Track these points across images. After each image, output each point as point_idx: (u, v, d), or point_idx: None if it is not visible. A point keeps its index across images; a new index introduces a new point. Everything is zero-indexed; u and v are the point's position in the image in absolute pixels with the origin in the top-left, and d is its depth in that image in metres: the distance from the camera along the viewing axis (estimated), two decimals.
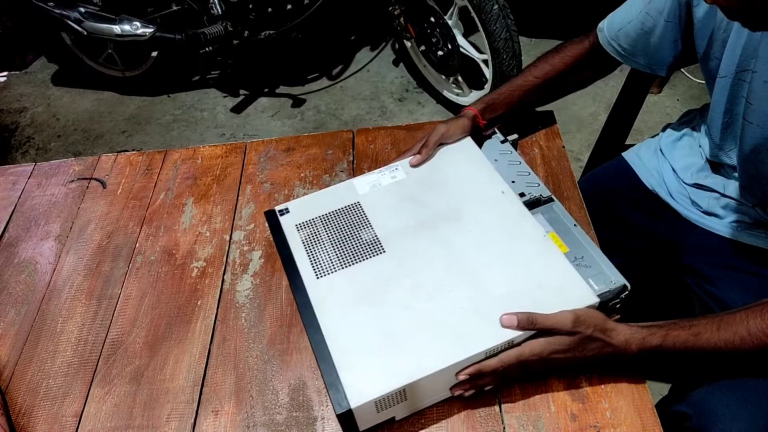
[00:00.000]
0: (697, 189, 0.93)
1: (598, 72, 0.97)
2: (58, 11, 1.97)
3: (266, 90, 2.33)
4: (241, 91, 2.34)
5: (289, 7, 2.03)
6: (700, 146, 0.94)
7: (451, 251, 0.75)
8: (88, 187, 1.05)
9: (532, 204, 0.80)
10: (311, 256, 0.77)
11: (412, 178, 0.85)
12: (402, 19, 2.03)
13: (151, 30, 1.99)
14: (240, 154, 1.06)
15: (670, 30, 0.85)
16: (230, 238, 0.93)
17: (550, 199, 0.81)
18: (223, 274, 0.89)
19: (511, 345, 0.67)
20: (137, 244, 0.94)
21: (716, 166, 0.90)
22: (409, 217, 0.80)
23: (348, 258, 0.76)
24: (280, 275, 0.87)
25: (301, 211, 0.83)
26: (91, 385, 0.79)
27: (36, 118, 2.39)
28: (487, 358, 0.66)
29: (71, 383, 0.79)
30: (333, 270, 0.75)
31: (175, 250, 0.93)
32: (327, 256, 0.77)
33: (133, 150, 2.09)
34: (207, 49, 2.02)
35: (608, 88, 2.12)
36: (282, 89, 2.33)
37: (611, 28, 0.91)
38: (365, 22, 2.48)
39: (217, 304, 0.85)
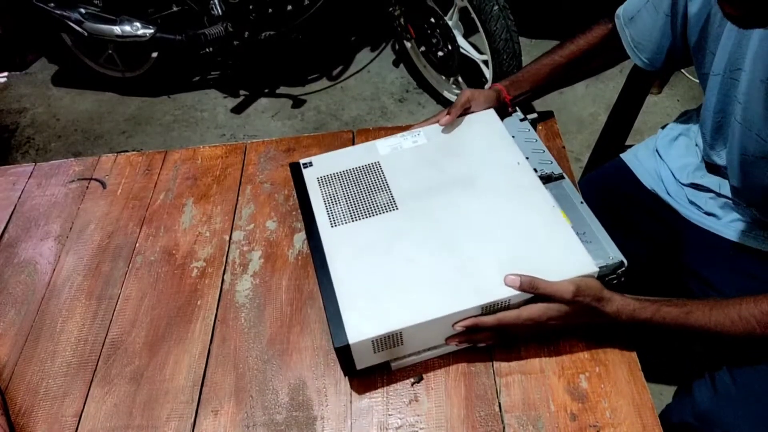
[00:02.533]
0: (694, 189, 0.93)
1: (621, 55, 0.95)
2: (58, 12, 1.98)
3: (266, 90, 2.33)
4: (242, 92, 2.34)
5: (289, 7, 2.03)
6: (696, 145, 0.93)
7: (461, 214, 0.78)
8: (88, 187, 1.05)
9: (544, 180, 0.82)
10: (328, 207, 0.82)
11: (432, 144, 0.88)
12: (402, 19, 2.04)
13: (152, 31, 1.99)
14: (240, 154, 1.06)
15: (669, 25, 0.85)
16: (230, 238, 0.93)
17: (561, 177, 0.83)
18: (223, 274, 0.89)
19: (507, 304, 0.70)
20: (137, 245, 0.95)
21: (712, 166, 0.90)
22: (425, 179, 0.83)
23: (362, 211, 0.80)
24: (280, 275, 0.87)
25: (323, 166, 0.87)
26: (90, 385, 0.79)
27: (36, 118, 2.39)
28: (483, 314, 0.70)
29: (71, 383, 0.79)
30: (347, 221, 0.79)
31: (175, 250, 0.93)
32: (343, 208, 0.81)
33: (133, 150, 2.08)
34: (207, 49, 2.02)
35: (608, 89, 2.12)
36: (282, 90, 2.33)
37: (626, 15, 0.90)
38: (365, 22, 2.48)
39: (217, 304, 0.85)
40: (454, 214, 0.78)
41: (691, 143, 0.95)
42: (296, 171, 0.88)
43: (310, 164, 0.88)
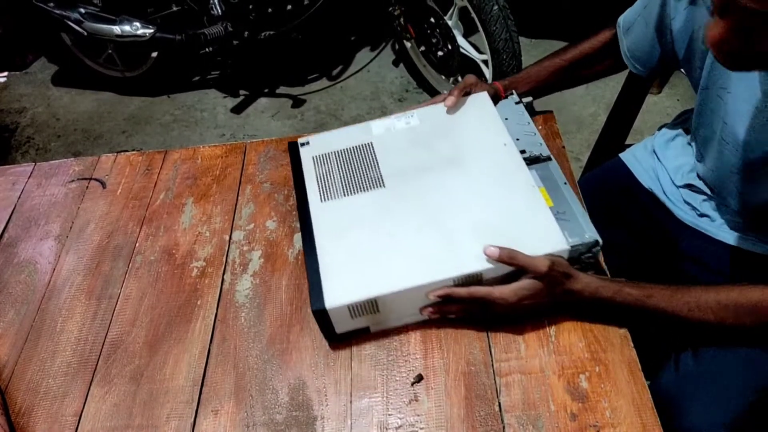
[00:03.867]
0: (689, 190, 0.93)
1: (621, 63, 0.97)
2: (58, 12, 1.98)
3: (266, 90, 2.33)
4: (241, 92, 2.34)
5: (289, 7, 2.03)
6: (690, 146, 0.94)
7: (443, 191, 0.81)
8: (87, 187, 1.05)
9: (531, 161, 0.84)
10: (320, 183, 0.85)
11: (424, 125, 0.91)
12: (402, 19, 2.04)
13: (151, 30, 1.99)
14: (240, 154, 1.06)
15: (657, 38, 0.86)
16: (230, 238, 0.93)
17: (548, 159, 0.85)
18: (223, 273, 0.89)
19: (480, 279, 0.73)
20: (137, 244, 0.94)
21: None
22: (413, 158, 0.86)
23: (352, 188, 0.84)
24: (280, 275, 0.87)
25: (319, 145, 0.91)
26: (90, 384, 0.79)
27: (36, 118, 2.39)
28: (456, 286, 0.72)
29: (71, 383, 0.79)
30: (337, 196, 0.83)
31: (174, 250, 0.93)
32: (334, 184, 0.85)
33: (133, 150, 2.08)
34: (207, 49, 2.02)
35: (608, 88, 2.12)
36: (282, 89, 2.33)
37: (624, 25, 0.92)
38: (365, 22, 2.48)
39: (217, 303, 0.85)
40: (437, 192, 0.81)
41: (687, 144, 0.95)
42: (294, 150, 0.91)
43: (307, 143, 0.91)
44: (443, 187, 0.81)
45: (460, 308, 0.74)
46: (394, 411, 0.72)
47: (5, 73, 2.60)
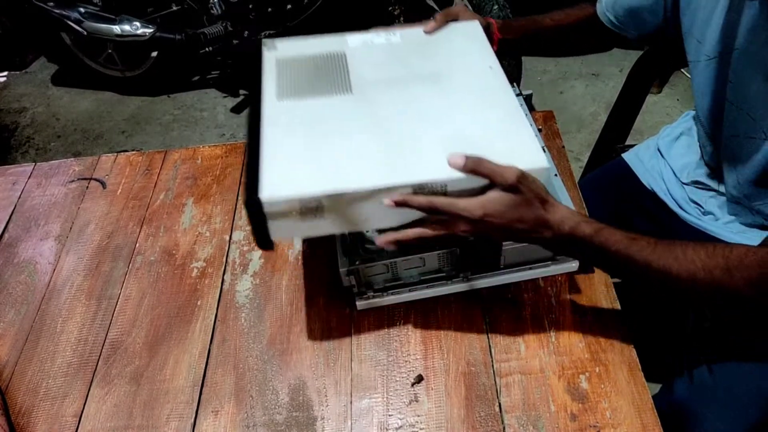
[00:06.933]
0: (695, 187, 0.93)
1: (600, 41, 0.97)
2: (58, 11, 1.98)
3: None
4: (241, 91, 2.34)
5: (288, 6, 2.03)
6: (697, 142, 0.94)
7: (416, 102, 0.73)
8: (88, 187, 1.05)
9: None
10: (279, 81, 0.77)
11: (405, 43, 0.85)
12: (402, 19, 2.03)
13: (151, 30, 1.99)
14: (240, 154, 1.06)
15: (659, 4, 0.85)
16: (230, 238, 0.93)
17: (542, 150, 0.84)
18: (223, 274, 0.89)
19: (444, 190, 0.64)
20: (137, 245, 0.94)
21: (710, 159, 0.90)
22: (388, 72, 0.78)
23: (314, 90, 0.75)
24: (280, 275, 0.87)
25: (286, 49, 0.83)
26: (90, 385, 0.79)
27: (36, 118, 2.39)
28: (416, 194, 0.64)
29: (71, 383, 0.79)
30: (295, 96, 0.74)
31: (174, 250, 0.93)
32: (294, 85, 0.76)
33: (133, 150, 2.08)
34: (207, 49, 2.02)
35: (608, 88, 2.12)
36: None
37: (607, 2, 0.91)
38: (365, 22, 2.48)
39: (217, 304, 0.85)
40: (408, 102, 0.73)
41: (693, 141, 0.95)
42: (258, 52, 0.83)
43: (275, 47, 0.83)
44: (416, 98, 0.73)
45: (419, 233, 0.65)
46: (394, 411, 0.72)
47: (5, 73, 2.60)
